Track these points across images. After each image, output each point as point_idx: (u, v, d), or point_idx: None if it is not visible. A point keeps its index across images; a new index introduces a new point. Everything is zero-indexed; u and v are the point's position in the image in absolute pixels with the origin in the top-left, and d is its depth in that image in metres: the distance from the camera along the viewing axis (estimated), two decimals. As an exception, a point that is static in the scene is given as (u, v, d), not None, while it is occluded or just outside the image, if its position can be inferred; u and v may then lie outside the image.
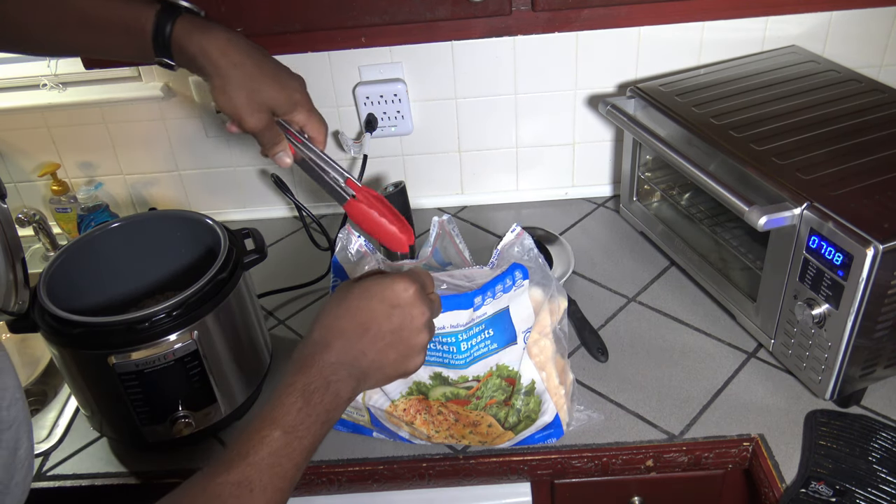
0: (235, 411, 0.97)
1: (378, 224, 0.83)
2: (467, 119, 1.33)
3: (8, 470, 0.55)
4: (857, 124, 0.99)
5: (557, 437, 0.91)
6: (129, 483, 0.93)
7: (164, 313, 0.85)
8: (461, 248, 0.92)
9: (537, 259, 0.84)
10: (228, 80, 0.77)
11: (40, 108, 1.32)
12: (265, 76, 0.79)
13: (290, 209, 1.45)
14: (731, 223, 1.13)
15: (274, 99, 0.80)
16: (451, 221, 0.90)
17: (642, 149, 1.21)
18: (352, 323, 0.66)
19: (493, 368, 0.84)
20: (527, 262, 0.83)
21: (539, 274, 0.85)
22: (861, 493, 0.80)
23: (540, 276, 0.85)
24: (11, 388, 0.57)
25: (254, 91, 0.78)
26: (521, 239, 0.83)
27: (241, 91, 0.77)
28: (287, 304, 1.21)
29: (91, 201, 1.31)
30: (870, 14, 1.22)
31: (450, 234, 0.92)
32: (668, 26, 1.21)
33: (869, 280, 0.79)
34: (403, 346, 0.68)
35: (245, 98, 0.78)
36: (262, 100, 0.79)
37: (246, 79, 0.77)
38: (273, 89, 0.79)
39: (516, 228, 0.83)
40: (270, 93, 0.79)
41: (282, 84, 0.80)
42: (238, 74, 0.77)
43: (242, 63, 0.77)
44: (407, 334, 0.68)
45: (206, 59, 0.76)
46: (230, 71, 0.76)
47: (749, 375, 0.99)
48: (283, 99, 0.80)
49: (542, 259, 0.85)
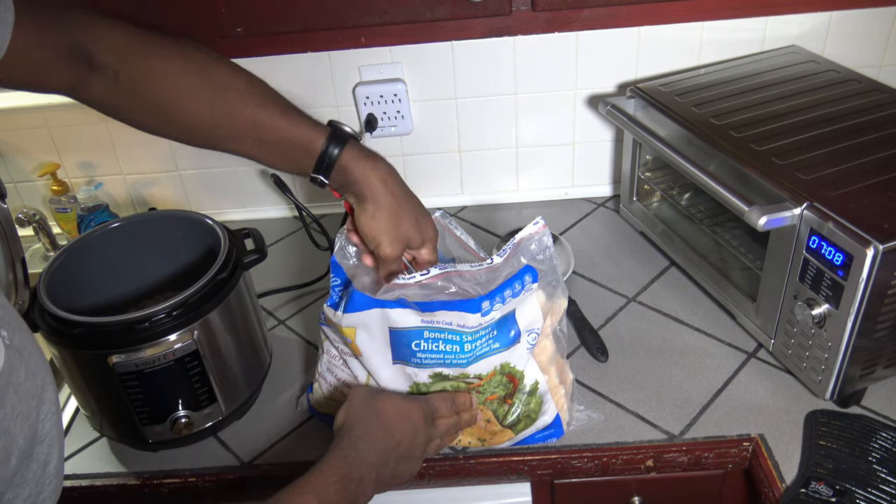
0: (235, 411, 0.97)
1: None
2: (467, 119, 1.33)
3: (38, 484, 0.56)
4: (857, 124, 0.99)
5: (557, 436, 0.91)
6: (129, 483, 0.93)
7: (164, 313, 0.85)
8: (464, 239, 0.92)
9: (551, 259, 0.84)
10: (380, 208, 0.81)
11: (40, 108, 1.32)
12: (408, 211, 0.83)
13: (290, 209, 1.45)
14: (731, 223, 1.13)
15: (410, 232, 0.84)
16: (446, 216, 0.90)
17: (642, 149, 1.21)
18: (389, 435, 0.78)
19: (497, 367, 0.84)
20: (540, 261, 0.83)
21: (550, 275, 0.84)
22: (861, 493, 0.80)
23: (550, 278, 0.84)
24: (49, 403, 0.58)
25: (399, 220, 0.82)
26: (541, 234, 0.83)
27: (390, 220, 0.82)
28: (287, 304, 1.21)
29: (91, 201, 1.31)
30: (870, 14, 1.22)
31: (447, 229, 0.92)
32: (668, 26, 1.21)
33: (869, 280, 0.79)
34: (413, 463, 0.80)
35: (390, 226, 0.82)
36: (403, 232, 0.83)
37: (395, 209, 0.82)
38: (412, 224, 0.84)
39: (539, 221, 0.83)
40: (410, 227, 0.84)
41: (419, 221, 0.85)
42: (391, 205, 0.82)
43: (397, 195, 0.82)
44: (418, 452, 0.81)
45: (367, 185, 0.80)
46: (385, 199, 0.81)
47: (749, 375, 0.99)
48: (418, 235, 0.85)
49: (556, 260, 0.84)
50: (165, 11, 0.92)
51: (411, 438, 0.79)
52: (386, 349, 0.83)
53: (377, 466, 0.75)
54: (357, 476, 0.73)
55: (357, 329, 0.82)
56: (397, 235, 0.83)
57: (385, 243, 0.82)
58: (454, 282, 0.80)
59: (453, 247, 0.92)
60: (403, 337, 0.82)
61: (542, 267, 0.83)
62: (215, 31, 0.93)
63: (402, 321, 0.81)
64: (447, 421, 0.84)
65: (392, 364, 0.84)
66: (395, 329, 0.81)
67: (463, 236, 0.92)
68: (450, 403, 0.84)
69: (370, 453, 0.75)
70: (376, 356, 0.84)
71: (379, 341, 0.83)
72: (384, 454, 0.76)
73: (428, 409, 0.82)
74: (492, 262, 0.81)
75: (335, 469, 0.72)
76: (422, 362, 0.82)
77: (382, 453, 0.76)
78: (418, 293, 0.81)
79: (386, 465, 0.76)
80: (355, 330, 0.82)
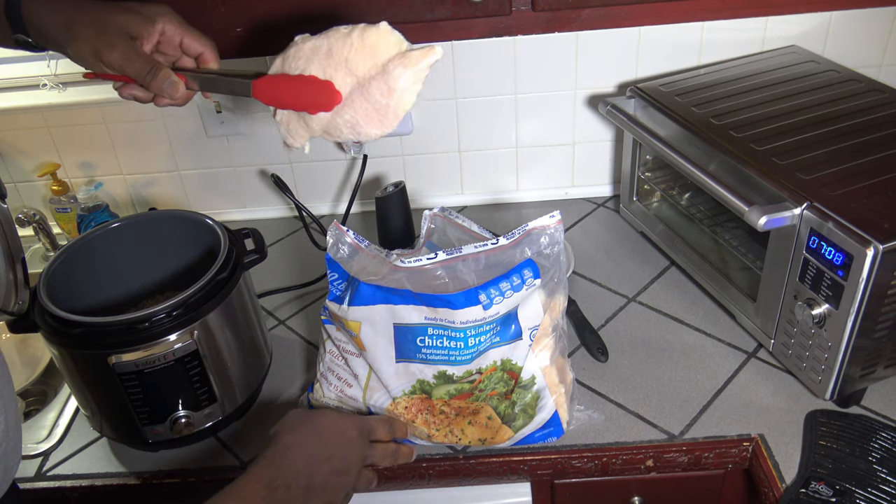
0: (235, 411, 0.97)
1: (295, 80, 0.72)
2: (467, 119, 1.33)
3: None
4: (857, 124, 0.99)
5: (557, 436, 0.91)
6: (129, 483, 0.93)
7: (164, 313, 0.85)
8: (466, 226, 0.92)
9: (559, 255, 0.83)
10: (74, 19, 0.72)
11: (40, 108, 1.32)
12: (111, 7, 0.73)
13: (290, 209, 1.45)
14: (731, 223, 1.13)
15: (125, 21, 0.73)
16: (445, 209, 0.91)
17: (642, 149, 1.21)
18: (321, 446, 0.77)
19: (498, 363, 0.84)
20: (547, 255, 0.83)
21: (554, 271, 0.84)
22: (861, 493, 0.80)
23: (554, 273, 0.84)
24: None
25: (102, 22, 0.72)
26: (553, 228, 0.82)
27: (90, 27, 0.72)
28: (287, 304, 1.21)
29: (91, 201, 1.31)
30: (870, 14, 1.22)
31: (447, 220, 0.93)
32: (668, 26, 1.21)
33: (869, 280, 0.79)
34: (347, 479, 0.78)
35: (95, 31, 0.72)
36: (114, 26, 0.72)
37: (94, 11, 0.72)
38: (122, 12, 0.73)
39: (556, 215, 0.83)
40: (120, 17, 0.73)
41: (132, 7, 0.74)
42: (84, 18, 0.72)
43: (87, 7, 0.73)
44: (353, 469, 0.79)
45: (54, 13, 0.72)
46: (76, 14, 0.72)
47: (749, 375, 0.99)
48: (134, 17, 0.73)
49: (563, 256, 0.84)
50: (165, 11, 0.92)
51: (344, 452, 0.78)
52: (389, 346, 0.84)
53: (307, 475, 0.74)
54: (284, 483, 0.72)
55: (362, 323, 0.82)
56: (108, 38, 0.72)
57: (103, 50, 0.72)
58: (455, 269, 0.80)
59: (455, 237, 0.92)
60: (408, 333, 0.82)
61: (548, 262, 0.83)
62: (215, 31, 0.93)
63: (407, 317, 0.81)
64: (384, 446, 0.83)
65: (395, 362, 0.84)
66: (400, 325, 0.82)
67: (465, 223, 0.92)
68: (387, 426, 0.84)
69: (298, 460, 0.74)
70: (380, 352, 0.84)
71: (383, 337, 0.83)
72: (314, 463, 0.75)
73: (364, 427, 0.82)
74: (497, 243, 0.81)
75: (261, 476, 0.71)
76: (427, 358, 0.83)
77: (312, 461, 0.75)
78: (416, 281, 0.81)
79: (317, 475, 0.75)
80: (360, 324, 0.82)
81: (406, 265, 0.81)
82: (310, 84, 0.70)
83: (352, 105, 0.70)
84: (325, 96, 0.70)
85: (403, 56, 0.68)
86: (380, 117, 0.70)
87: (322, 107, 0.71)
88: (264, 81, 0.73)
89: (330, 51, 0.70)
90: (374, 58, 0.68)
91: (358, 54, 0.69)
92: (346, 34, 0.69)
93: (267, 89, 0.73)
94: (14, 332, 0.89)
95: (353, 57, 0.69)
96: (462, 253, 0.81)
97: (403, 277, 0.82)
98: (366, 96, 0.69)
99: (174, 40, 0.76)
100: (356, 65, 0.69)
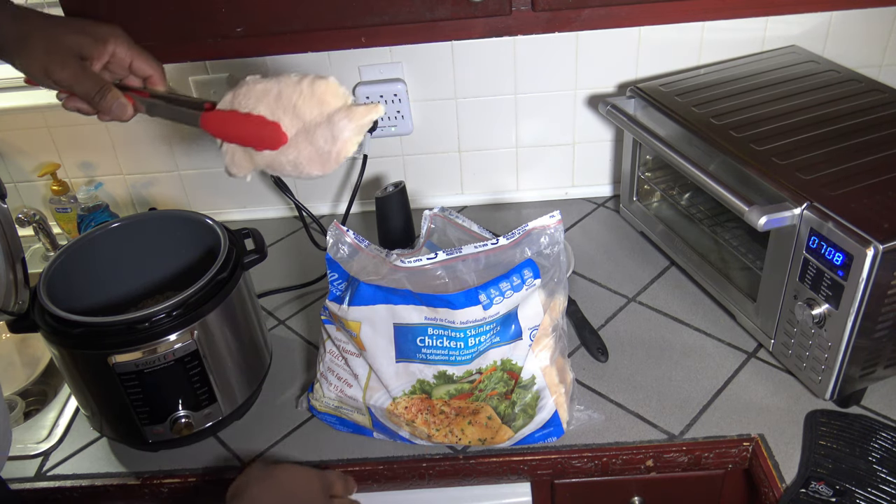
0: (235, 411, 0.97)
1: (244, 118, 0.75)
2: (467, 119, 1.33)
3: None
4: (857, 124, 0.99)
5: (557, 436, 0.91)
6: (129, 483, 0.93)
7: (164, 313, 0.86)
8: (466, 225, 0.92)
9: (559, 255, 0.84)
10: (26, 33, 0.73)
11: (40, 108, 1.32)
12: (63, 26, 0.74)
13: (290, 209, 1.45)
14: (731, 223, 1.13)
15: (76, 42, 0.74)
16: (445, 209, 0.91)
17: (642, 149, 1.21)
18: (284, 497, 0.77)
19: (498, 363, 0.84)
20: (546, 255, 0.83)
21: (554, 272, 0.84)
22: (861, 493, 0.80)
23: (554, 274, 0.84)
24: None
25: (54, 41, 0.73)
26: (553, 228, 0.83)
27: (41, 44, 0.72)
28: (287, 304, 1.21)
29: (91, 201, 1.31)
30: (870, 14, 1.22)
31: (449, 220, 0.93)
32: (668, 26, 1.21)
33: (869, 280, 0.79)
34: None
35: (46, 50, 0.72)
36: (66, 46, 0.73)
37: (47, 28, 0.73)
38: (74, 32, 0.74)
39: (556, 216, 0.83)
40: (71, 38, 0.73)
41: (84, 28, 0.75)
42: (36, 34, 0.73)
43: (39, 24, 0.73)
44: None
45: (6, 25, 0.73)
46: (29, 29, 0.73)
47: (749, 375, 0.99)
48: (86, 39, 0.74)
49: (563, 256, 0.84)
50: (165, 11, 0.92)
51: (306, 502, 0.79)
52: (390, 346, 0.84)
53: None
54: None
55: (362, 323, 0.82)
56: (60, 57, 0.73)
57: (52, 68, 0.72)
58: (455, 269, 0.80)
59: (455, 237, 0.92)
60: (408, 333, 0.82)
61: (548, 262, 0.83)
62: (215, 31, 0.93)
63: (407, 317, 0.81)
64: (342, 501, 0.84)
65: (395, 362, 0.84)
66: (400, 325, 0.82)
67: (465, 223, 0.92)
68: (345, 483, 0.85)
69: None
70: (380, 352, 0.84)
71: (383, 337, 0.83)
72: None
73: (325, 482, 0.82)
74: (497, 243, 0.81)
75: None
76: (427, 358, 0.83)
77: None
78: (416, 281, 0.81)
79: None
80: (360, 324, 0.82)
81: (406, 265, 0.82)
82: (258, 123, 0.74)
83: (296, 146, 0.74)
84: (272, 136, 0.74)
85: (349, 110, 0.73)
86: (322, 161, 0.74)
87: (268, 146, 0.75)
88: (214, 115, 0.76)
89: (280, 94, 0.74)
90: (321, 107, 0.73)
91: (306, 102, 0.73)
92: (296, 82, 0.74)
93: (216, 123, 0.76)
94: (14, 332, 0.89)
95: (302, 104, 0.73)
96: (462, 253, 0.81)
97: (403, 277, 0.82)
98: (310, 140, 0.73)
99: (124, 62, 0.78)
100: (303, 111, 0.73)
